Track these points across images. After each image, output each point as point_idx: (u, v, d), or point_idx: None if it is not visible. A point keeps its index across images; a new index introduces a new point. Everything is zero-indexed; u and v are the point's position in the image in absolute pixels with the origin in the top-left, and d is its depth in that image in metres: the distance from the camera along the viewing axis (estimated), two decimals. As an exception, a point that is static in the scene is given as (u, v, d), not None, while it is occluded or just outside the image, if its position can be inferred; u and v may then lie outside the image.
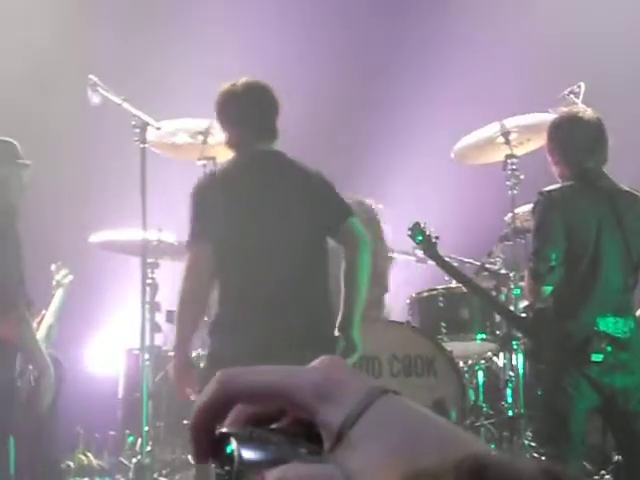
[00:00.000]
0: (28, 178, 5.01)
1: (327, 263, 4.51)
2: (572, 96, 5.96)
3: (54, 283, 6.31)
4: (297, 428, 0.67)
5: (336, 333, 4.43)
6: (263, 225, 4.46)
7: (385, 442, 0.62)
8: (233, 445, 0.66)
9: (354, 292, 4.46)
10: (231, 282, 4.46)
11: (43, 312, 5.87)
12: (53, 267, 6.42)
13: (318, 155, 7.88)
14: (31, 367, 4.72)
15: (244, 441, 0.66)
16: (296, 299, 4.39)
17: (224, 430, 0.68)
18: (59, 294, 6.20)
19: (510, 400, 5.67)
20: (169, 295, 5.40)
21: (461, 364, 5.86)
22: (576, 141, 4.90)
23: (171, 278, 5.42)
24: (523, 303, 5.51)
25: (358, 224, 4.56)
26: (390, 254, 6.39)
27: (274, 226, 4.45)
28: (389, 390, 0.65)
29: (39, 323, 5.68)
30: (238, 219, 4.46)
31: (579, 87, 5.99)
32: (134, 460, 5.44)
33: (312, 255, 4.50)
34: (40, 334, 5.47)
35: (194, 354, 5.23)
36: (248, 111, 4.58)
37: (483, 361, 6.10)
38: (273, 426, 0.68)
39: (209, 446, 0.68)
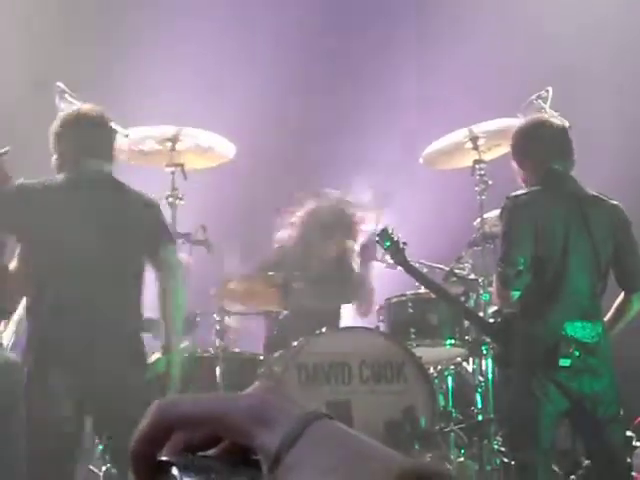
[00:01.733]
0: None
1: (141, 285, 4.75)
2: (540, 101, 5.97)
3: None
4: (234, 453, 0.68)
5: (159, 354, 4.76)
6: (82, 242, 4.59)
7: (321, 464, 0.63)
8: (175, 473, 0.66)
9: (169, 318, 4.74)
10: (45, 293, 4.61)
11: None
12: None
13: (286, 154, 7.93)
14: None
15: (185, 469, 0.67)
16: (108, 320, 4.55)
17: (164, 458, 0.68)
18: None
19: (480, 405, 5.67)
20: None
21: (431, 370, 5.85)
22: (543, 143, 4.92)
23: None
24: (492, 308, 5.51)
25: (173, 252, 4.84)
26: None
27: (92, 244, 4.59)
28: (323, 415, 0.67)
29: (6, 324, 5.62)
30: (57, 231, 4.62)
31: (547, 92, 6.00)
32: (103, 468, 5.41)
33: (126, 275, 4.71)
34: (8, 332, 5.42)
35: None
36: (85, 135, 4.79)
37: (452, 366, 6.10)
38: (211, 452, 0.69)
39: (150, 474, 0.69)
